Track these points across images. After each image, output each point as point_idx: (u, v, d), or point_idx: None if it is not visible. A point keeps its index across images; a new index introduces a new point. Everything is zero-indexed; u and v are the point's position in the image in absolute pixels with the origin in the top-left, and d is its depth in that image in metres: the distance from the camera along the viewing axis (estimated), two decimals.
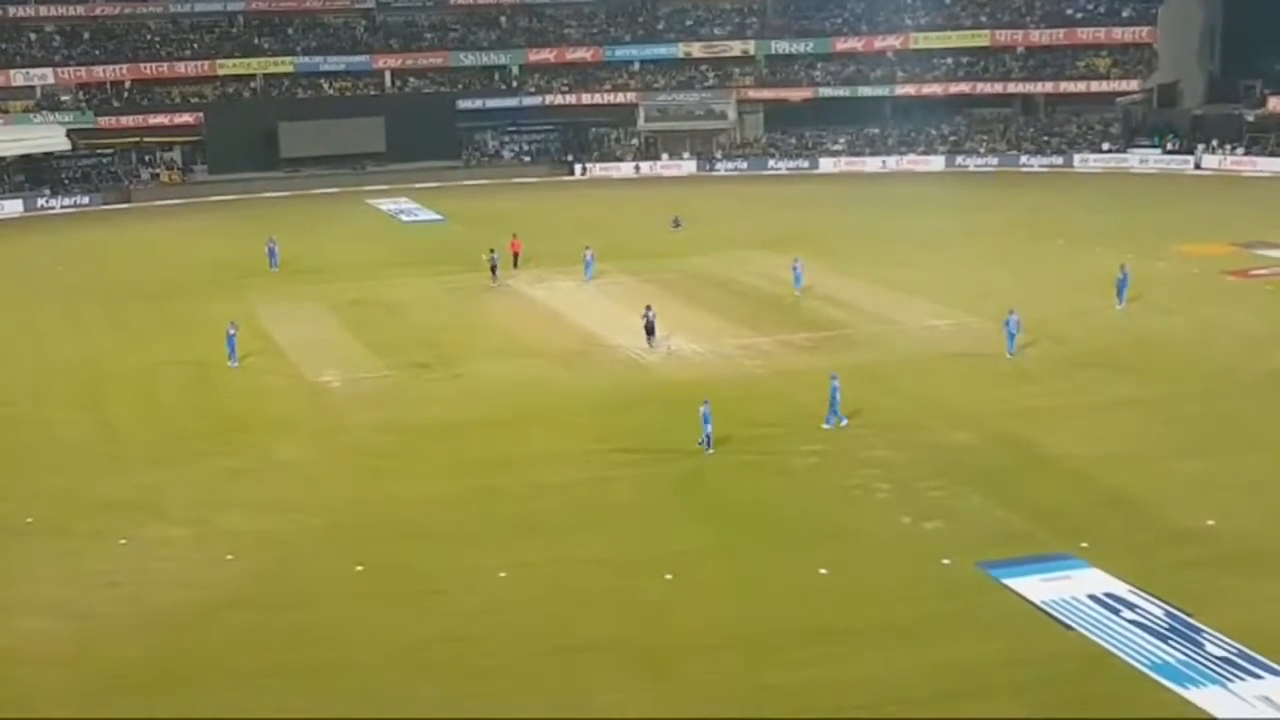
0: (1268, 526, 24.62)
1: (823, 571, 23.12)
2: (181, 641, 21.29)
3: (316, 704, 19.02)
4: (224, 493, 28.61)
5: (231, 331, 39.88)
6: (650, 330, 39.51)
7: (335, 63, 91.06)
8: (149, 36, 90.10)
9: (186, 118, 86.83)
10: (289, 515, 27.02)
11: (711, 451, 29.65)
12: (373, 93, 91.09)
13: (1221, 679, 18.87)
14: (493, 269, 50.93)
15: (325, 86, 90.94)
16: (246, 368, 39.03)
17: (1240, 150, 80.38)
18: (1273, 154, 78.74)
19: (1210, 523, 24.77)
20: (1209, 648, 19.79)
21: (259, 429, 33.36)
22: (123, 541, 25.76)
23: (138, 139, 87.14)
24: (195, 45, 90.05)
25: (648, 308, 40.08)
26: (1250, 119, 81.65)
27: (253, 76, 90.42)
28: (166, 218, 75.57)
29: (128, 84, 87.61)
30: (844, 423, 31.18)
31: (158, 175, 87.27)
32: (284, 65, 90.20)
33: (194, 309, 46.72)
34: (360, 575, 23.75)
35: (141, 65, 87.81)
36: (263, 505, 27.74)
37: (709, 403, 30.01)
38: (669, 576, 23.16)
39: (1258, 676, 18.88)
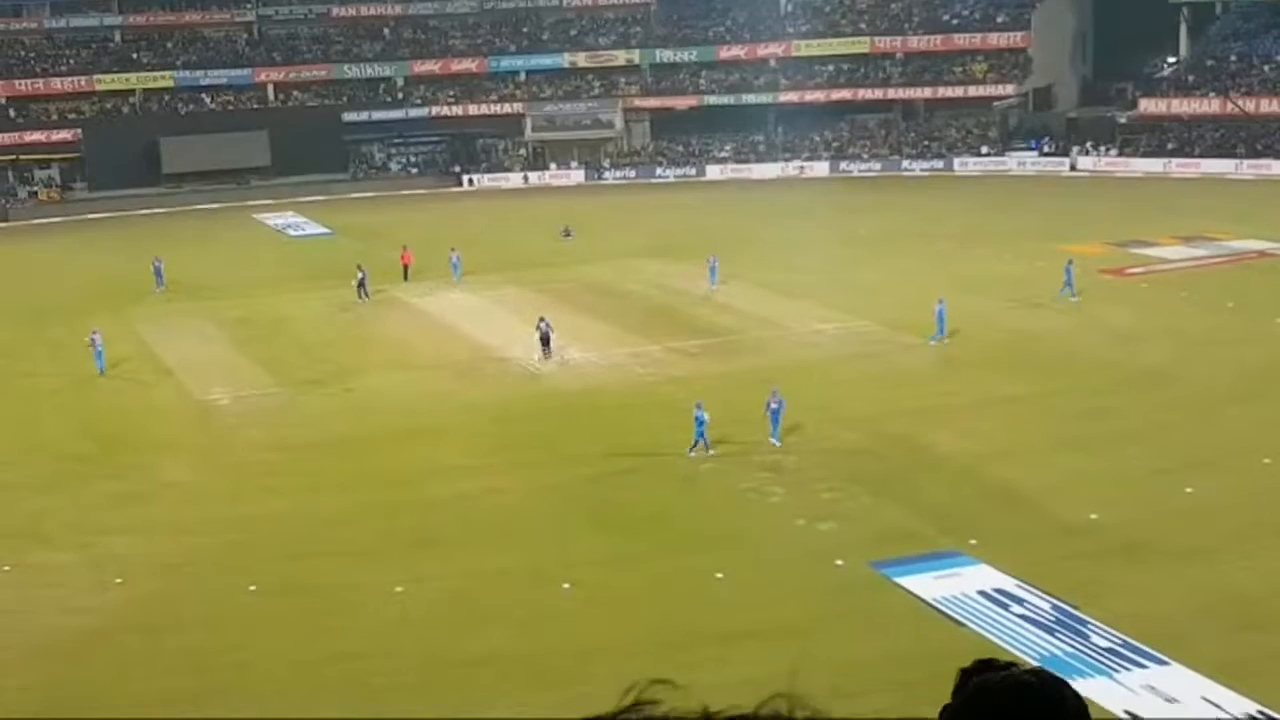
0: (1146, 518, 25.31)
1: (719, 576, 23.34)
2: (72, 669, 20.94)
3: None
4: (111, 516, 28.15)
5: (95, 339, 39.64)
6: (545, 341, 39.53)
7: (216, 76, 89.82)
8: (23, 53, 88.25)
9: (64, 134, 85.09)
10: (179, 537, 26.66)
11: (713, 452, 29.77)
12: (256, 106, 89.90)
13: (1108, 670, 19.38)
14: (360, 285, 49.75)
15: (207, 101, 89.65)
16: (137, 383, 38.50)
17: (1114, 151, 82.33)
18: (1144, 155, 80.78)
19: (1093, 516, 25.42)
20: (1095, 639, 20.31)
21: (147, 450, 32.87)
22: (7, 569, 25.27)
23: (14, 157, 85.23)
24: (72, 61, 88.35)
25: (541, 319, 40.10)
26: (1122, 121, 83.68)
27: (131, 92, 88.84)
28: (46, 237, 74.00)
29: (2, 101, 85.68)
30: (777, 443, 30.50)
31: (36, 194, 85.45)
32: (164, 80, 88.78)
33: (78, 330, 45.76)
34: (254, 595, 23.52)
35: (16, 82, 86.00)
36: (152, 527, 27.34)
37: (702, 404, 30.09)
38: (567, 586, 23.25)
39: (1142, 666, 19.42)
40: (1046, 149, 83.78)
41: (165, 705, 19.53)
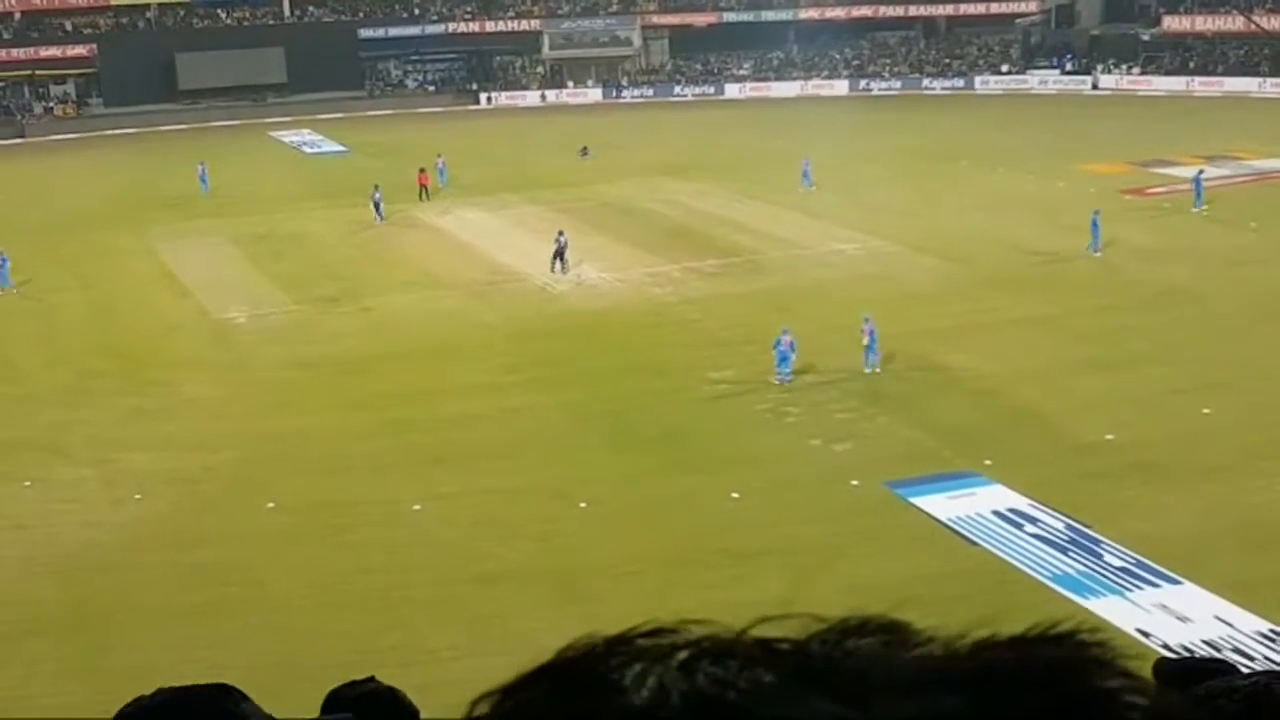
0: (1163, 439, 25.26)
1: (734, 495, 23.42)
2: (93, 582, 21.15)
3: (232, 640, 19.00)
4: (130, 432, 28.31)
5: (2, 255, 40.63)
6: (560, 255, 39.50)
7: None
8: None
9: (80, 50, 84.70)
10: (197, 453, 26.81)
11: (788, 380, 29.18)
12: (271, 22, 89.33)
13: (1120, 589, 19.44)
14: (376, 206, 48.90)
15: (223, 16, 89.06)
16: (156, 306, 38.60)
17: (1136, 70, 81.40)
18: (1167, 73, 79.83)
19: (1109, 436, 25.39)
20: (1108, 558, 20.36)
21: (164, 367, 32.98)
22: (28, 484, 25.46)
23: (30, 73, 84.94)
24: None
25: (560, 232, 40.19)
26: (1146, 38, 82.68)
27: (147, 6, 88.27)
28: (64, 153, 73.92)
29: (17, 15, 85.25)
30: (878, 368, 29.88)
31: (52, 109, 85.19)
32: None
33: (96, 246, 45.86)
34: (272, 511, 23.68)
35: None
36: (170, 443, 27.48)
37: (788, 330, 29.52)
38: (584, 505, 23.35)
39: (1155, 585, 19.48)
40: (1069, 67, 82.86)
41: (183, 619, 19.73)
